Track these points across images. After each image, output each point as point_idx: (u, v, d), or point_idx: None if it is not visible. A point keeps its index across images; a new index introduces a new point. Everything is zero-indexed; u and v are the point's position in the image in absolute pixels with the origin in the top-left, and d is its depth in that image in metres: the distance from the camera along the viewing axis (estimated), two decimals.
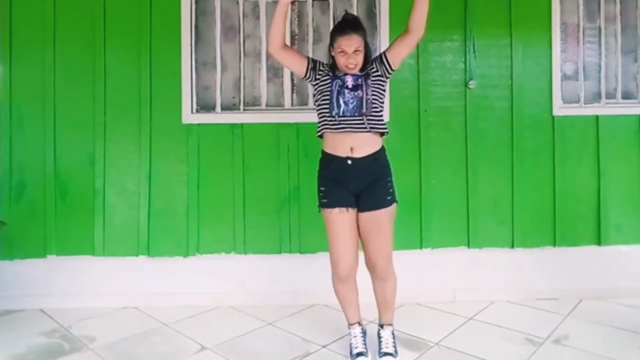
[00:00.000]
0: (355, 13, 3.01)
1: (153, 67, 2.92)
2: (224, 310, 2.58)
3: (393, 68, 2.14)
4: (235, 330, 2.38)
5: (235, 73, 3.03)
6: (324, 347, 2.37)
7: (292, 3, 2.97)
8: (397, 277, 2.20)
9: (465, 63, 2.98)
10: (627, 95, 3.14)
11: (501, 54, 3.00)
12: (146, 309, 2.81)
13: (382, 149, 2.14)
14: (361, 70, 2.13)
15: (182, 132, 2.93)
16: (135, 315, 2.76)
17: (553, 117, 3.02)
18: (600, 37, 3.11)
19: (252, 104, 3.01)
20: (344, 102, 2.07)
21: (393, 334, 2.28)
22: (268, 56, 3.02)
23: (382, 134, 2.14)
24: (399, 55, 2.14)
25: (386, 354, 2.22)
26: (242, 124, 2.93)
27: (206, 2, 2.99)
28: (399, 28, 2.86)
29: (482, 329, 2.56)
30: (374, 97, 2.09)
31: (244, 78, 3.03)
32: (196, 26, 2.99)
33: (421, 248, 2.99)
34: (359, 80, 2.09)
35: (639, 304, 2.83)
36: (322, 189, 2.13)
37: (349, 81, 2.09)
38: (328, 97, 2.09)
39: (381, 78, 2.14)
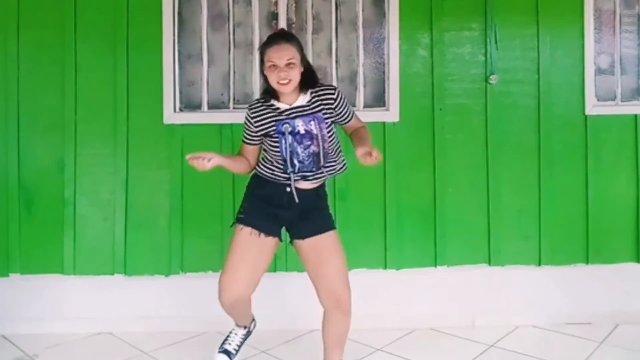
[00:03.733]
0: None
1: (130, 60, 2.79)
2: (211, 336, 2.47)
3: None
4: None
5: (223, 66, 2.89)
6: None
7: None
8: None
9: (485, 55, 2.84)
10: None
11: (527, 45, 2.86)
12: (122, 334, 2.69)
13: (324, 183, 2.08)
14: (302, 88, 1.95)
15: (164, 134, 2.80)
16: (110, 342, 2.64)
17: (585, 117, 2.88)
18: (639, 26, 2.97)
19: (243, 101, 2.86)
20: (299, 162, 1.95)
21: None
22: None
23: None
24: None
25: None
26: (231, 125, 2.78)
27: None
28: (410, 16, 2.82)
29: (504, 358, 2.44)
30: (330, 144, 1.98)
31: (234, 72, 2.90)
32: (180, 13, 2.85)
33: (435, 266, 2.86)
34: (311, 123, 1.92)
35: None
36: (246, 205, 2.05)
37: (300, 126, 1.92)
38: (278, 148, 1.94)
39: (334, 113, 2.00)
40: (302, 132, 1.93)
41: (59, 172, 2.76)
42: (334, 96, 1.98)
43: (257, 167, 2.04)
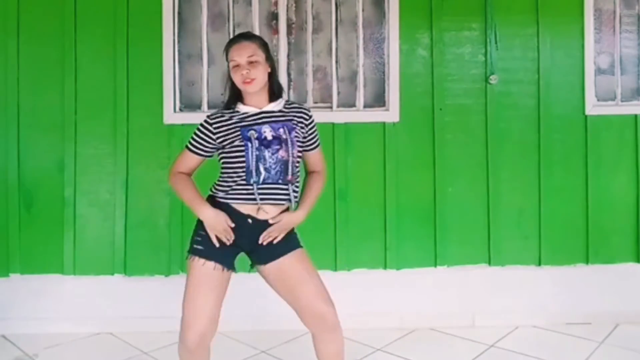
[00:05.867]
0: None
1: (130, 60, 2.79)
2: None
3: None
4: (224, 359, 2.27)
5: (223, 66, 2.68)
6: None
7: None
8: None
9: (485, 55, 2.85)
10: None
11: (527, 45, 2.86)
12: (122, 335, 2.69)
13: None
14: (270, 98, 1.83)
15: (164, 134, 2.80)
16: (110, 342, 2.65)
17: (585, 117, 2.88)
18: (639, 26, 2.97)
19: None
20: (265, 169, 1.75)
21: None
22: None
23: None
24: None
25: None
26: None
27: None
28: (410, 16, 2.82)
29: (504, 358, 2.45)
30: (299, 156, 1.81)
31: None
32: (180, 13, 2.85)
33: (435, 266, 2.86)
34: (280, 130, 1.77)
35: None
36: (202, 233, 1.80)
37: (267, 132, 1.76)
38: (243, 155, 1.75)
39: (301, 141, 1.84)
40: (270, 138, 1.77)
41: (59, 172, 2.75)
42: (309, 114, 1.88)
43: (213, 190, 1.84)
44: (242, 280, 2.61)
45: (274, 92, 1.84)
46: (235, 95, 1.82)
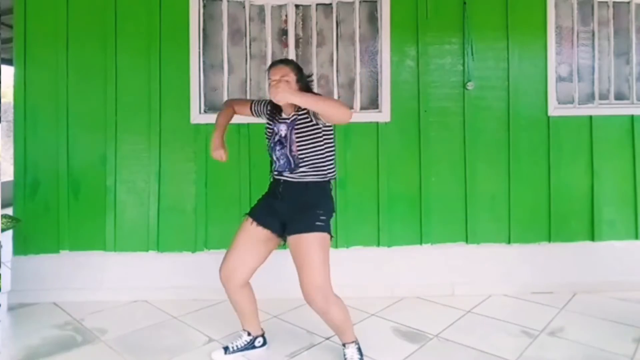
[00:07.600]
0: (357, 17, 3.07)
1: (162, 69, 2.97)
2: (230, 304, 2.49)
3: (320, 120, 2.03)
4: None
5: (241, 75, 3.08)
6: (327, 339, 2.39)
7: (297, 7, 3.06)
8: (340, 301, 2.03)
9: (463, 65, 3.03)
10: (619, 96, 3.20)
11: (498, 57, 3.06)
12: (155, 302, 2.86)
13: (322, 182, 2.07)
14: (298, 109, 2.05)
15: (191, 132, 2.98)
16: (145, 309, 2.81)
17: (548, 117, 3.07)
18: (593, 40, 3.16)
19: None
20: (277, 159, 2.08)
21: (359, 349, 2.15)
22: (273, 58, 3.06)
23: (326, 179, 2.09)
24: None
25: None
26: (248, 124, 2.94)
27: (214, 6, 3.04)
28: (400, 32, 3.00)
29: (480, 322, 2.61)
30: (301, 149, 2.01)
31: (250, 79, 3.07)
32: (204, 30, 3.03)
33: (421, 243, 3.04)
34: (290, 130, 2.04)
35: (631, 297, 2.89)
36: (260, 198, 2.21)
37: (282, 130, 2.06)
38: (268, 142, 2.13)
39: (313, 125, 2.02)
40: (283, 135, 2.04)
41: (101, 164, 2.94)
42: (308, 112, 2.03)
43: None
44: None
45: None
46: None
